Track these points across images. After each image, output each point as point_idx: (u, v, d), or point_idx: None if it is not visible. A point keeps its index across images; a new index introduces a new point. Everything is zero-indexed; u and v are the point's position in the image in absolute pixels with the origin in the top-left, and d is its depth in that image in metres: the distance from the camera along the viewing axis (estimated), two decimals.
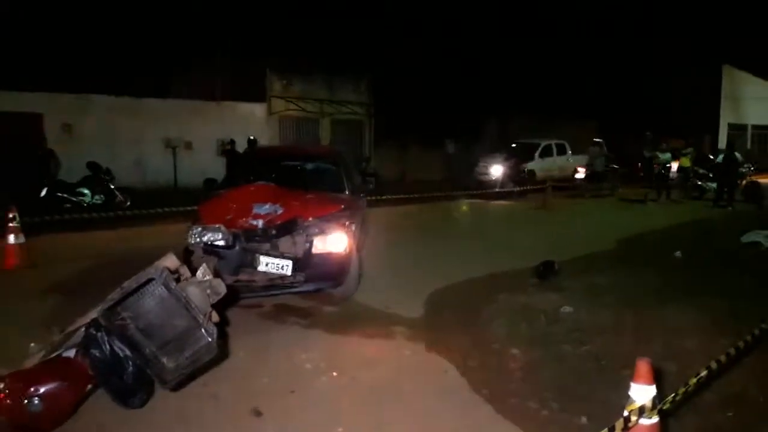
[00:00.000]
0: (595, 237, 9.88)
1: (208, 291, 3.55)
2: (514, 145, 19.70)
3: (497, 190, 16.38)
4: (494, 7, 25.57)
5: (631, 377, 2.68)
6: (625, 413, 2.55)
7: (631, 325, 5.32)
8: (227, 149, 15.11)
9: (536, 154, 18.96)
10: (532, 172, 18.47)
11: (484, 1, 25.63)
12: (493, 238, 9.98)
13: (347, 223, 5.98)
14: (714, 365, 3.09)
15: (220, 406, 3.70)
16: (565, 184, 18.02)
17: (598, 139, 20.85)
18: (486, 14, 25.48)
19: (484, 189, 16.15)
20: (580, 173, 18.50)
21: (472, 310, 5.77)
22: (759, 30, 25.47)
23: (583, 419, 3.53)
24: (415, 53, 22.55)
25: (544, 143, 19.33)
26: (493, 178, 17.88)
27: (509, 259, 7.98)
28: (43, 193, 11.71)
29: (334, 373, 4.22)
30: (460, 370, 4.31)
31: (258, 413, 3.58)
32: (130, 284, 3.25)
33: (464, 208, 14.62)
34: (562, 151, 19.83)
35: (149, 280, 3.26)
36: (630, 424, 2.52)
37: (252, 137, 15.09)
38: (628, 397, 2.65)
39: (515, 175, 17.82)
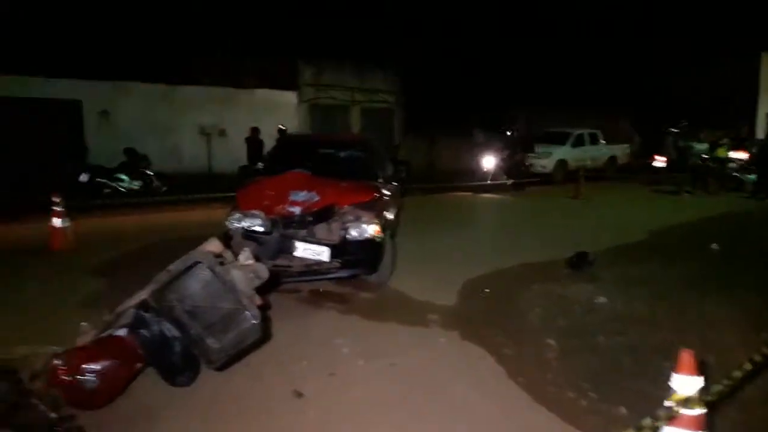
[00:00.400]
0: (629, 228, 9.76)
1: (251, 275, 3.64)
2: (509, 133, 18.77)
3: (489, 182, 15.69)
4: None
5: (670, 369, 2.66)
6: (669, 403, 2.54)
7: (666, 317, 5.29)
8: (249, 137, 15.09)
9: (568, 144, 18.73)
10: (563, 162, 18.27)
11: None
12: (524, 228, 9.93)
13: (381, 210, 6.05)
14: (759, 358, 3.06)
15: (262, 387, 3.80)
16: (597, 174, 17.76)
17: (675, 128, 19.89)
18: (519, 4, 25.18)
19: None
20: (660, 162, 17.52)
21: (506, 299, 5.79)
22: None
23: (622, 409, 3.54)
24: (446, 42, 22.44)
25: (576, 132, 19.08)
26: (485, 170, 16.94)
27: (542, 249, 7.95)
28: (83, 178, 12.04)
29: (372, 358, 4.29)
30: (496, 358, 4.34)
31: (299, 394, 3.67)
32: (177, 267, 3.36)
33: (492, 198, 14.54)
34: (594, 140, 19.56)
35: (195, 263, 3.36)
36: (673, 415, 2.53)
37: (282, 126, 15.15)
38: (669, 388, 2.64)
39: (512, 167, 16.79)
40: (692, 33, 25.68)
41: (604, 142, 19.78)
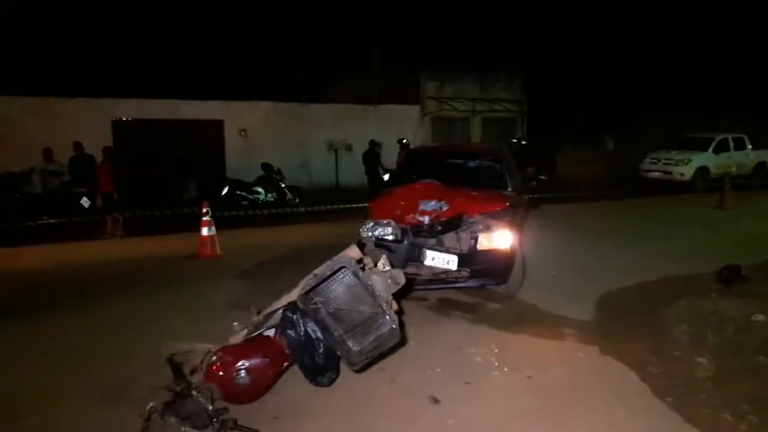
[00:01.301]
0: None
1: (389, 280, 3.73)
2: (515, 141, 16.62)
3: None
4: None
5: None
6: None
7: None
8: (367, 150, 15.26)
9: (710, 150, 17.33)
10: (704, 169, 16.94)
11: None
12: (663, 240, 9.27)
13: (511, 220, 5.95)
14: None
15: (398, 391, 3.89)
16: (745, 182, 16.27)
17: None
18: (648, 4, 23.65)
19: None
20: None
21: (648, 315, 5.43)
22: None
23: None
24: (571, 47, 21.66)
25: (719, 137, 17.62)
26: None
27: (685, 262, 7.39)
28: (225, 191, 13.04)
29: (506, 369, 4.23)
30: (641, 375, 4.10)
31: (435, 400, 3.71)
32: (323, 271, 3.52)
33: (625, 208, 13.74)
34: (740, 145, 17.93)
35: (340, 268, 3.51)
36: None
37: (405, 140, 15.28)
38: None
39: None
40: None
41: (750, 146, 18.07)
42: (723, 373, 4.12)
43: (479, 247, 5.59)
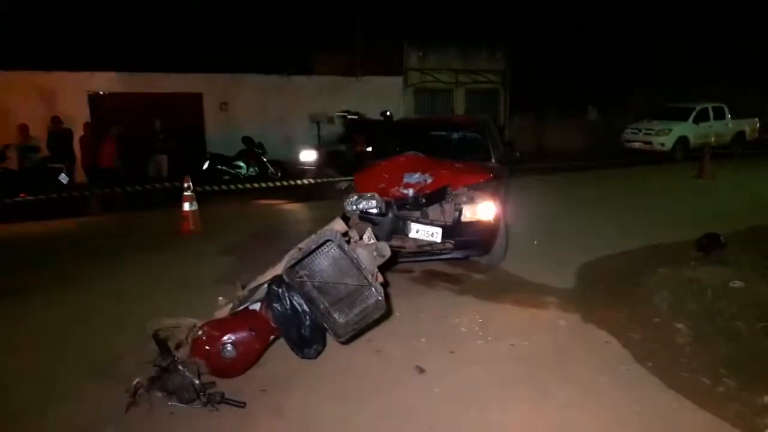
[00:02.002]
0: (765, 208, 8.96)
1: (375, 253, 3.74)
2: (349, 116, 14.34)
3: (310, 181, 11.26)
4: None
5: None
6: None
7: None
8: (348, 123, 14.92)
9: (690, 119, 17.47)
10: (684, 139, 17.10)
11: None
12: (644, 209, 9.39)
13: (495, 192, 5.98)
14: None
15: (384, 361, 3.93)
16: (723, 151, 16.47)
17: None
18: None
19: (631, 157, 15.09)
20: None
21: (629, 282, 5.53)
22: None
23: (767, 398, 3.30)
24: (554, 17, 21.51)
25: (699, 107, 17.75)
26: (306, 168, 12.71)
27: (665, 230, 7.50)
28: (205, 166, 12.89)
29: (490, 338, 4.29)
30: (621, 342, 4.20)
31: (421, 370, 3.76)
32: (308, 245, 3.52)
33: (606, 177, 13.85)
34: (719, 115, 18.09)
35: (326, 242, 3.51)
36: None
37: (388, 112, 15.10)
38: None
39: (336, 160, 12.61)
40: None
41: (730, 116, 18.25)
42: (701, 338, 4.22)
43: (463, 219, 5.63)
